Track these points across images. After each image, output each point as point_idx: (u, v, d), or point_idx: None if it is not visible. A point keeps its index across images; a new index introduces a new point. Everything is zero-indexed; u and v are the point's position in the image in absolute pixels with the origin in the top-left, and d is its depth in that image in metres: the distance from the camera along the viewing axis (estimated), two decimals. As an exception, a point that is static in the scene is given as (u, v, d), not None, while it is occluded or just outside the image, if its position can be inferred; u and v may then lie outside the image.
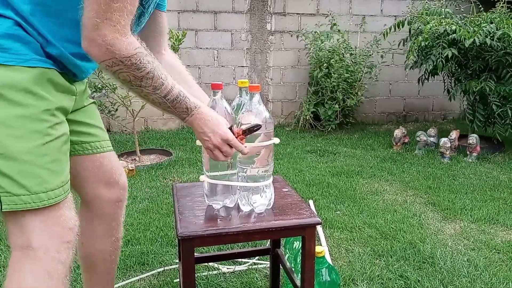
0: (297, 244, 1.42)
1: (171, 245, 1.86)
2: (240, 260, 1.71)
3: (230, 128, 1.00)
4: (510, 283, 1.56)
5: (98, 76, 2.94)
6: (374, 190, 2.53)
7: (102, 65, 0.85)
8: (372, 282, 1.57)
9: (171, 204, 2.31)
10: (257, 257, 1.73)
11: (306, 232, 1.11)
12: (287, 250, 1.44)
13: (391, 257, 1.74)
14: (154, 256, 1.76)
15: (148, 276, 1.62)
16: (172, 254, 1.77)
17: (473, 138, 3.16)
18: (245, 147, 1.02)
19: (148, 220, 2.10)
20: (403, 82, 4.55)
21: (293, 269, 1.35)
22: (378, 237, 1.92)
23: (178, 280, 1.57)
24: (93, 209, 1.16)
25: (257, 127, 1.00)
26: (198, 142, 1.04)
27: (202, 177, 1.11)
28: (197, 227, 1.05)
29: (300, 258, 1.26)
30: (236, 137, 1.00)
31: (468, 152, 3.20)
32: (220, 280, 1.59)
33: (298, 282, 1.22)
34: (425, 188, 2.56)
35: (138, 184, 2.60)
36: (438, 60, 3.07)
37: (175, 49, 3.01)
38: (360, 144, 3.62)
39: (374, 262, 1.70)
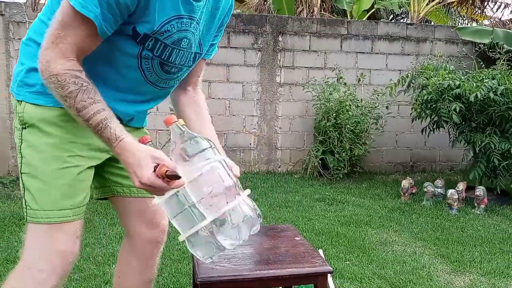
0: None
1: (183, 292, 1.88)
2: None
3: (156, 167, 0.88)
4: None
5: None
6: (383, 240, 2.55)
7: (44, 82, 0.93)
8: (383, 334, 1.57)
9: (182, 250, 2.34)
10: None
11: (319, 280, 1.16)
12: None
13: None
14: (166, 302, 1.78)
15: (160, 322, 1.64)
16: (184, 301, 1.80)
17: (480, 190, 3.20)
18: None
19: (161, 266, 2.13)
20: (409, 133, 4.66)
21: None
22: (388, 288, 1.93)
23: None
24: (134, 244, 1.25)
25: (175, 178, 0.88)
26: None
27: (180, 237, 0.94)
28: (215, 273, 1.11)
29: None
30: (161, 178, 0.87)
31: (476, 204, 3.23)
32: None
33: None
34: (434, 239, 2.57)
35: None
36: (450, 112, 3.17)
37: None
38: (368, 193, 3.66)
39: (385, 314, 1.71)
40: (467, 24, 8.91)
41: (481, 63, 3.93)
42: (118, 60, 1.01)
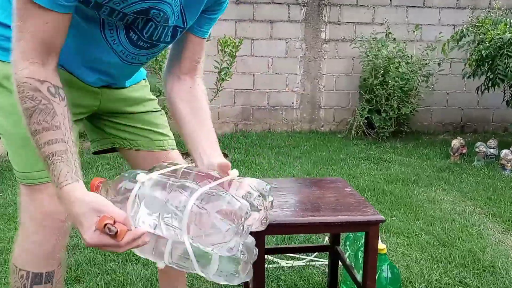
0: (358, 242, 1.47)
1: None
2: (298, 256, 1.78)
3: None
4: None
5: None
6: (430, 198, 2.51)
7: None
8: (430, 286, 1.58)
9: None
10: (315, 254, 1.79)
11: (370, 229, 1.17)
12: (347, 247, 1.49)
13: (449, 263, 1.74)
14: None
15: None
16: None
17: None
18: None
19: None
20: (461, 91, 4.44)
21: (353, 265, 1.41)
22: (436, 244, 1.91)
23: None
24: None
25: (111, 233, 0.71)
26: None
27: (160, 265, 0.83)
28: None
29: (362, 254, 1.32)
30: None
31: (530, 165, 3.08)
32: (279, 273, 1.67)
33: (359, 278, 1.28)
34: (485, 199, 2.50)
35: (198, 183, 2.75)
36: (507, 69, 2.98)
37: (232, 56, 3.14)
38: (415, 153, 3.57)
39: (432, 267, 1.71)
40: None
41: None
42: (80, 24, 0.86)
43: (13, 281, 0.97)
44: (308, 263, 1.74)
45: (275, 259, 1.76)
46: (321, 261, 1.75)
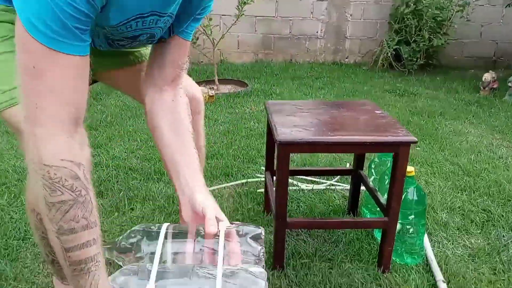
0: (384, 167, 1.44)
1: (252, 162, 1.97)
2: (318, 180, 1.77)
3: None
4: None
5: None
6: (457, 131, 2.43)
7: (31, 172, 0.66)
8: (452, 212, 1.57)
9: (250, 128, 2.40)
10: (337, 178, 1.78)
11: (400, 150, 1.13)
12: (372, 171, 1.47)
13: (473, 192, 1.71)
14: (237, 170, 1.88)
15: (233, 185, 1.75)
16: (253, 170, 1.88)
17: None
18: None
19: (230, 140, 2.22)
20: (497, 24, 4.14)
21: (376, 189, 1.39)
22: (460, 174, 1.88)
23: (261, 190, 1.68)
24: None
25: None
26: None
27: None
28: (293, 135, 1.10)
29: (387, 178, 1.29)
30: None
31: None
32: (299, 195, 1.67)
33: (383, 200, 1.26)
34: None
35: (218, 109, 2.72)
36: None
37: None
38: (443, 86, 3.43)
39: (456, 195, 1.69)
40: None
41: None
42: None
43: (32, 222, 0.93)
44: (328, 187, 1.73)
45: (295, 182, 1.75)
46: (342, 186, 1.74)
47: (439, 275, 1.19)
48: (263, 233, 0.83)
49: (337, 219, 1.23)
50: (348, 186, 1.70)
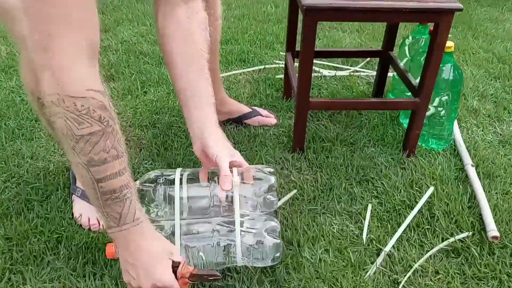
0: (417, 46, 1.31)
1: (270, 48, 1.84)
2: (341, 66, 1.66)
3: (176, 267, 0.70)
4: None
5: None
6: (493, 18, 2.22)
7: (43, 108, 0.64)
8: (484, 99, 1.47)
9: (267, 13, 2.22)
10: (363, 62, 1.66)
11: (441, 19, 0.99)
12: (405, 49, 1.34)
13: (508, 80, 1.59)
14: (254, 55, 1.76)
15: (249, 71, 1.65)
16: (271, 56, 1.76)
17: None
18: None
19: (245, 25, 2.06)
20: None
21: (407, 70, 1.28)
22: (494, 61, 1.74)
23: (280, 76, 1.58)
24: None
25: (212, 277, 0.72)
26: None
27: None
28: (322, 0, 0.97)
29: (422, 57, 1.18)
30: (178, 278, 0.70)
31: None
32: (321, 81, 1.58)
33: (414, 83, 1.16)
34: None
35: (232, -7, 2.50)
36: None
37: None
38: None
39: (489, 83, 1.58)
40: None
41: None
42: None
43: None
44: (352, 73, 1.62)
45: (316, 69, 1.65)
46: (367, 72, 1.63)
47: (467, 159, 1.14)
48: (276, 184, 0.82)
49: (363, 99, 1.14)
50: (373, 73, 1.59)
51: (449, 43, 1.08)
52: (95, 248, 0.90)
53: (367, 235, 0.95)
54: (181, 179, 0.81)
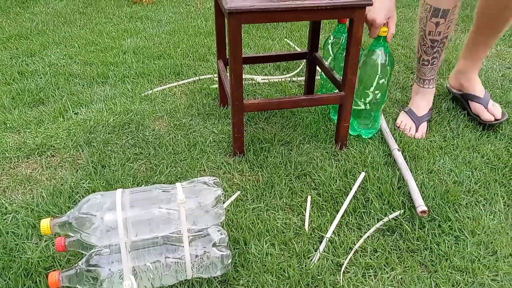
0: (339, 46, 1.40)
1: (203, 60, 1.87)
2: (273, 78, 1.72)
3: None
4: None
5: None
6: (408, 17, 2.41)
7: None
8: (405, 91, 1.59)
9: (198, 26, 2.25)
10: (293, 73, 1.73)
11: (356, 14, 1.07)
12: (329, 48, 1.42)
13: (417, 71, 1.73)
14: (188, 68, 1.78)
15: (184, 83, 1.66)
16: (205, 67, 1.79)
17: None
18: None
19: (177, 39, 2.08)
20: None
21: (332, 67, 1.36)
22: (411, 56, 1.89)
23: (215, 86, 1.61)
24: None
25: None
26: None
27: None
28: (245, 3, 1.01)
29: (343, 54, 1.26)
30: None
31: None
32: (255, 88, 1.62)
33: (338, 78, 1.24)
34: (462, 17, 2.43)
35: (161, 10, 2.51)
36: None
37: None
38: None
39: (408, 76, 1.71)
40: None
41: None
42: None
43: (420, 12, 1.30)
44: (285, 79, 1.69)
45: (250, 76, 1.69)
46: (299, 78, 1.70)
47: (394, 145, 1.23)
48: (222, 195, 0.85)
49: (294, 97, 1.20)
50: (303, 78, 1.67)
51: (384, 28, 1.16)
52: (35, 273, 0.86)
53: (309, 225, 0.99)
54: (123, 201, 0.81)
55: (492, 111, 1.35)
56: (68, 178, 1.13)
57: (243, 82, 1.66)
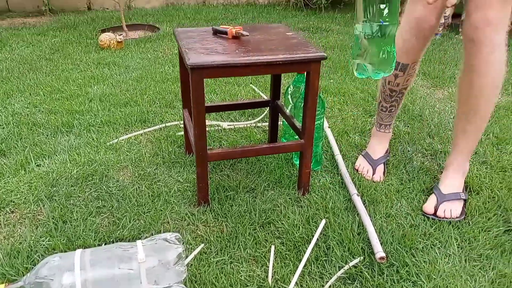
0: (299, 94, 1.46)
1: (170, 106, 1.89)
2: (239, 124, 1.77)
3: None
4: (491, 134, 1.68)
5: None
6: (366, 62, 2.55)
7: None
8: (363, 134, 1.67)
9: (165, 72, 2.29)
10: (259, 118, 1.78)
11: (312, 67, 1.14)
12: (289, 97, 1.48)
13: (377, 115, 1.82)
14: (154, 115, 1.80)
15: (150, 131, 1.68)
16: (172, 114, 1.82)
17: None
18: None
19: (144, 86, 2.11)
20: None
21: (293, 115, 1.41)
22: (370, 100, 1.98)
23: (181, 133, 1.63)
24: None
25: None
26: None
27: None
28: (206, 58, 1.06)
29: (302, 103, 1.31)
30: None
31: (460, 30, 3.18)
32: (221, 134, 1.66)
33: (298, 125, 1.29)
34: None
35: (129, 56, 2.55)
36: None
37: None
38: (353, 22, 3.53)
39: (366, 120, 1.79)
40: None
41: None
42: None
43: None
44: (250, 125, 1.74)
45: (215, 122, 1.73)
46: (264, 124, 1.75)
47: (353, 190, 1.27)
48: (183, 253, 0.90)
49: (256, 146, 1.23)
50: (268, 123, 1.72)
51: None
52: None
53: (272, 276, 1.00)
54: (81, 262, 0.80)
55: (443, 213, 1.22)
56: (28, 235, 1.11)
57: (209, 129, 1.69)
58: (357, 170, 1.42)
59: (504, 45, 1.09)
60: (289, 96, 1.47)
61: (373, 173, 1.39)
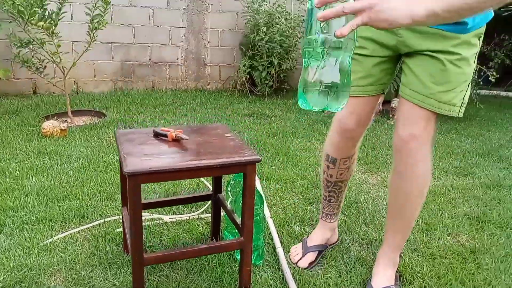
0: (239, 188, 1.51)
1: (111, 199, 1.86)
2: (181, 217, 1.77)
3: None
4: (420, 220, 1.80)
5: (24, 29, 2.75)
6: (306, 148, 2.69)
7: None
8: (304, 224, 1.72)
9: (109, 162, 2.28)
10: (200, 211, 1.80)
11: (247, 169, 1.20)
12: (229, 193, 1.52)
13: (320, 203, 1.90)
14: (94, 209, 1.76)
15: (88, 227, 1.63)
16: (112, 208, 1.78)
17: (395, 102, 3.44)
18: None
19: (85, 177, 2.07)
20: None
21: (234, 210, 1.44)
22: (309, 187, 2.07)
23: (120, 229, 1.60)
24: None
25: None
26: None
27: None
28: (143, 164, 1.09)
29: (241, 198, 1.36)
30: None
31: (390, 116, 3.50)
32: (162, 228, 1.64)
33: (238, 221, 1.32)
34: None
35: (72, 144, 2.52)
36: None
37: (106, 2, 2.85)
38: (295, 108, 3.78)
39: (306, 208, 1.86)
40: None
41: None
42: None
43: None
44: (191, 217, 1.74)
45: (157, 216, 1.72)
46: (204, 216, 1.77)
47: (293, 286, 1.29)
48: None
49: (194, 247, 1.23)
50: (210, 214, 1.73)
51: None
52: None
53: None
54: None
55: None
56: None
57: (150, 223, 1.67)
58: (290, 254, 1.47)
59: (428, 157, 1.21)
60: (229, 192, 1.52)
61: (301, 258, 1.43)
